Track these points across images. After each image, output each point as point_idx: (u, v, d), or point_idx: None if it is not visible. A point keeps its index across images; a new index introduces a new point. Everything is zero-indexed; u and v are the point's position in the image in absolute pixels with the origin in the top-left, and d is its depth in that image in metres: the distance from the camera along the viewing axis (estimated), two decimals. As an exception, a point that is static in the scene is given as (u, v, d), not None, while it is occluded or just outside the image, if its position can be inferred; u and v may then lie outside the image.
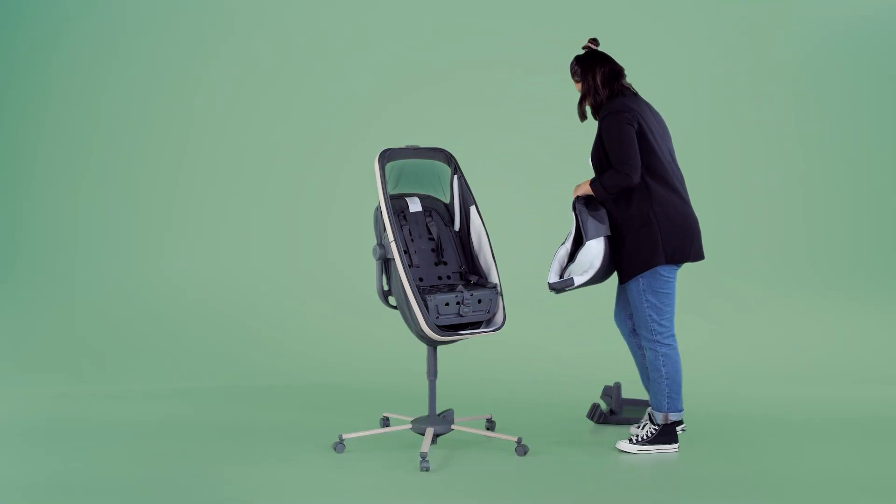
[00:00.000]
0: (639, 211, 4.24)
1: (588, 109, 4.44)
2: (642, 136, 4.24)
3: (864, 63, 7.01)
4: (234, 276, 6.66)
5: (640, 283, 4.28)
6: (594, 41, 4.43)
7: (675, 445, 4.31)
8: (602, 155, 4.29)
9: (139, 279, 6.63)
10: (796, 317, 6.49)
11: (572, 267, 4.32)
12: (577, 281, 4.26)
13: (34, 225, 6.80)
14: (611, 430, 4.69)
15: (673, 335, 4.34)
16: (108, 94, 6.85)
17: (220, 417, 4.99)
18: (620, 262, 4.32)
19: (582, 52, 4.43)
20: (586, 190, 4.34)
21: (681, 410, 4.33)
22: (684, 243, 4.28)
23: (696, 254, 4.36)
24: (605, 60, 4.36)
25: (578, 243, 4.37)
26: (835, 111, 7.00)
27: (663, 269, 4.26)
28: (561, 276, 4.36)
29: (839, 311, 6.54)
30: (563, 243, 4.40)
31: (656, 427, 4.30)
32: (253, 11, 6.85)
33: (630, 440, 4.33)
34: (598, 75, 4.32)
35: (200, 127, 6.84)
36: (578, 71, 4.38)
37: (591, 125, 4.60)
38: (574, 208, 4.37)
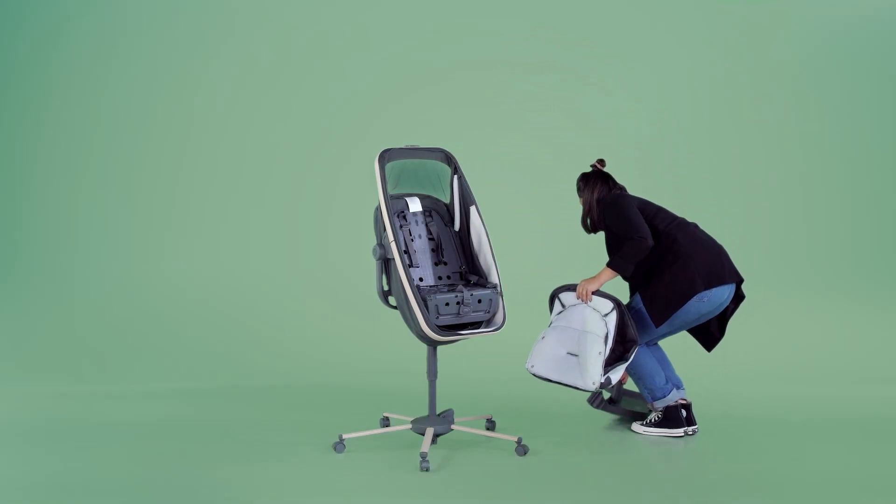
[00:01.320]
0: (667, 250, 4.43)
1: (589, 223, 4.67)
2: (644, 203, 4.53)
3: (864, 63, 7.02)
4: (234, 276, 6.65)
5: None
6: (601, 162, 4.66)
7: (679, 430, 4.55)
8: (617, 242, 4.50)
9: (139, 279, 6.63)
10: (796, 317, 6.50)
11: (617, 367, 4.40)
12: (615, 378, 4.42)
13: (34, 225, 6.80)
14: (611, 430, 4.69)
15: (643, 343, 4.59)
16: (108, 94, 6.85)
17: (220, 417, 4.98)
18: (656, 303, 4.42)
19: (589, 169, 4.68)
20: (608, 275, 4.43)
21: (661, 398, 4.58)
22: (716, 263, 4.46)
23: (731, 273, 4.51)
24: (606, 179, 4.61)
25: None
26: (835, 111, 7.00)
27: (695, 306, 4.39)
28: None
29: (839, 311, 6.54)
30: (607, 344, 4.39)
31: (660, 413, 4.58)
32: (253, 11, 6.85)
33: (643, 423, 4.64)
34: (595, 192, 4.59)
35: (200, 127, 6.84)
36: (581, 186, 4.65)
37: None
38: (612, 312, 4.40)
